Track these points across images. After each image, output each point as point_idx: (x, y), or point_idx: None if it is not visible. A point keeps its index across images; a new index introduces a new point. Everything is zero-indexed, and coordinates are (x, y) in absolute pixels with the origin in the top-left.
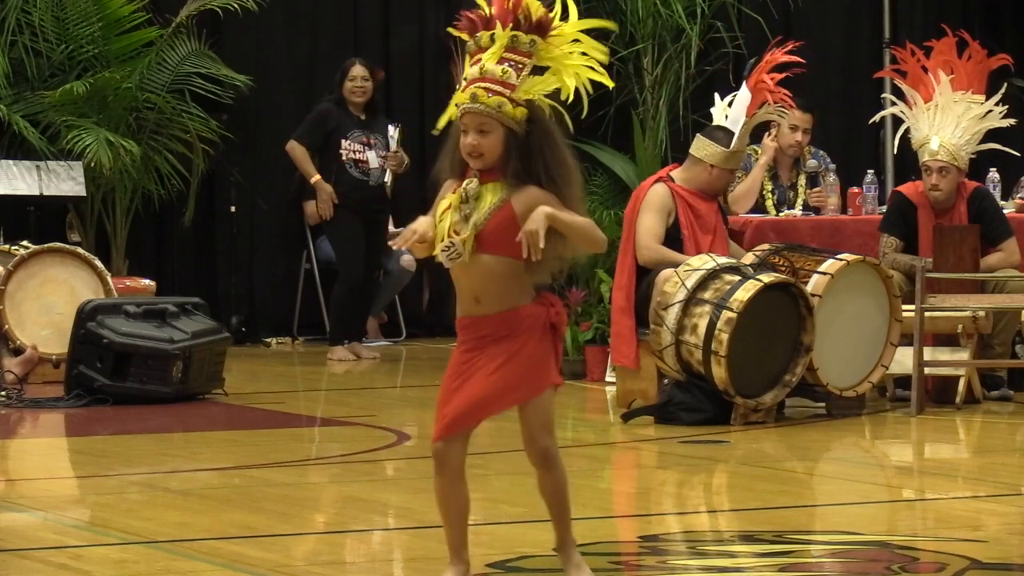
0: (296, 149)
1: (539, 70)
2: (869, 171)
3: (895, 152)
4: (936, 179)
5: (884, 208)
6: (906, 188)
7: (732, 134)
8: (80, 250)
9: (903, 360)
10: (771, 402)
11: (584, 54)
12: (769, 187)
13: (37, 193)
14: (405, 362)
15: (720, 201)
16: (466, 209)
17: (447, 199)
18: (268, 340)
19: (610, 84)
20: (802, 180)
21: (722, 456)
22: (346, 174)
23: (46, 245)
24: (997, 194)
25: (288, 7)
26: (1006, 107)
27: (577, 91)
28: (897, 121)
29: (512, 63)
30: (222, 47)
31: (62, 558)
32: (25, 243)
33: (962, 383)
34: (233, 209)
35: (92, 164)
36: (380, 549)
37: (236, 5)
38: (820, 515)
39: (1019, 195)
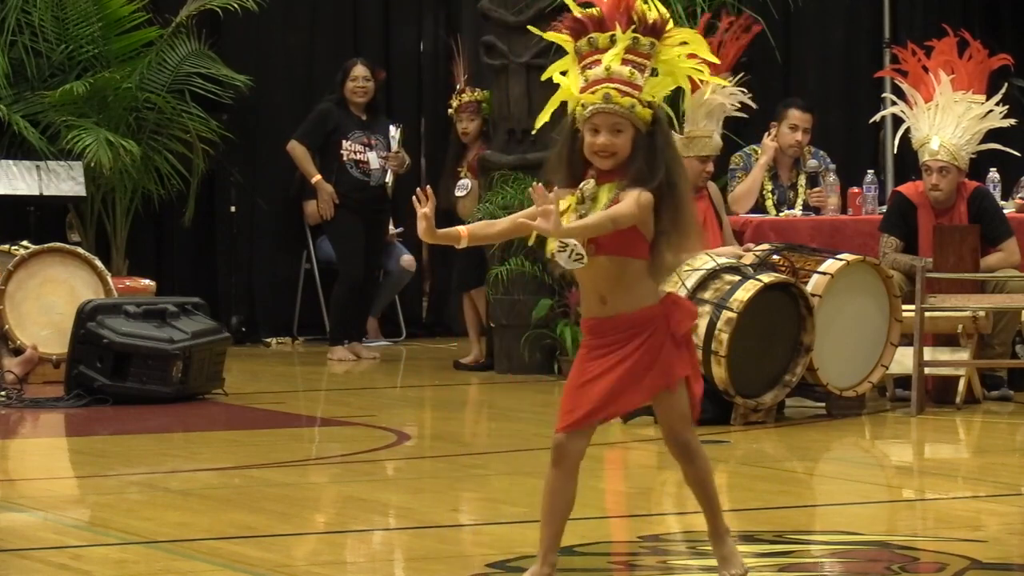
0: (297, 149)
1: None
2: (869, 171)
3: (895, 152)
4: (936, 179)
5: (884, 208)
6: (906, 188)
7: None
8: (80, 250)
9: (903, 360)
10: (771, 402)
11: (693, 56)
12: (769, 187)
13: (37, 193)
14: (405, 362)
15: (711, 195)
16: (582, 210)
17: (564, 200)
18: (268, 340)
19: (724, 83)
20: (802, 180)
21: (722, 456)
22: (347, 174)
23: (46, 245)
24: (997, 194)
25: (288, 7)
26: (1006, 107)
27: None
28: (897, 121)
29: (635, 65)
30: (222, 47)
31: (62, 558)
32: (25, 243)
33: (962, 383)
34: (233, 209)
35: (92, 164)
36: (380, 549)
37: (236, 5)
38: (820, 515)
39: (1019, 195)
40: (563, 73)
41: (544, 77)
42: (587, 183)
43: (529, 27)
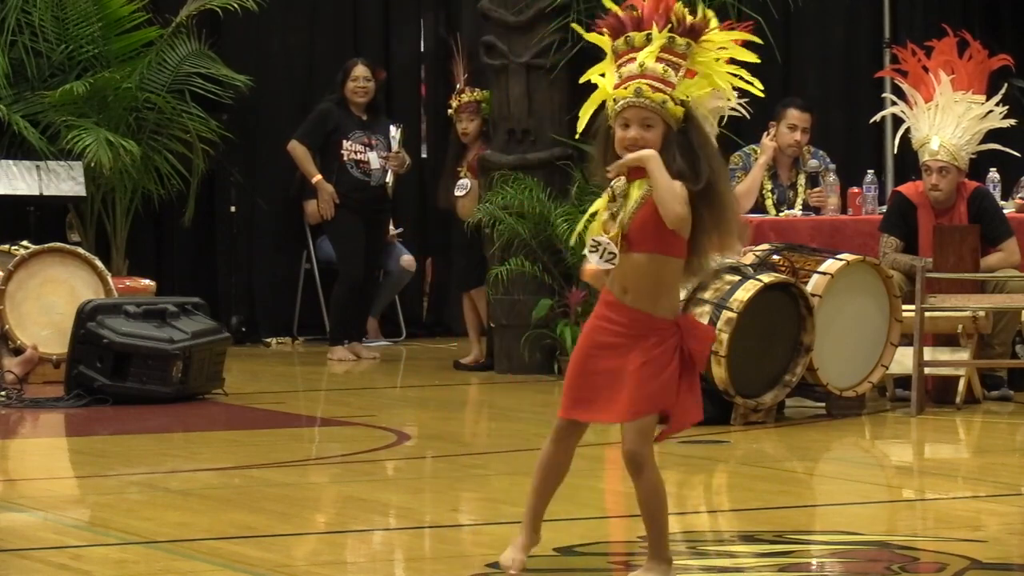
0: (297, 149)
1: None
2: (869, 171)
3: (895, 152)
4: (936, 179)
5: (884, 208)
6: (906, 188)
7: None
8: (80, 250)
9: (903, 360)
10: (771, 402)
11: (732, 61)
12: (769, 187)
13: (37, 193)
14: (405, 362)
15: None
16: (614, 207)
17: (597, 201)
18: (268, 340)
19: (759, 93)
20: (802, 180)
21: (722, 456)
22: (347, 174)
23: (46, 245)
24: (997, 194)
25: (288, 7)
26: (1006, 107)
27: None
28: (897, 121)
29: (669, 63)
30: (222, 47)
31: (62, 558)
32: (25, 243)
33: (962, 383)
34: (233, 209)
35: (92, 164)
36: (380, 549)
37: (236, 5)
38: (820, 515)
39: (1019, 195)
40: (602, 76)
41: (583, 80)
42: (618, 181)
43: (573, 25)
